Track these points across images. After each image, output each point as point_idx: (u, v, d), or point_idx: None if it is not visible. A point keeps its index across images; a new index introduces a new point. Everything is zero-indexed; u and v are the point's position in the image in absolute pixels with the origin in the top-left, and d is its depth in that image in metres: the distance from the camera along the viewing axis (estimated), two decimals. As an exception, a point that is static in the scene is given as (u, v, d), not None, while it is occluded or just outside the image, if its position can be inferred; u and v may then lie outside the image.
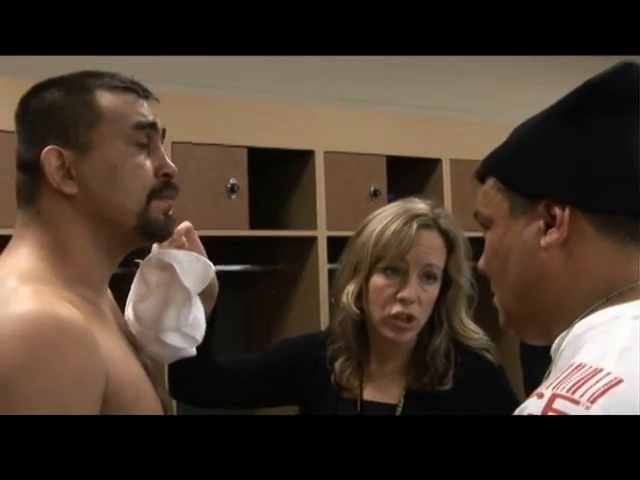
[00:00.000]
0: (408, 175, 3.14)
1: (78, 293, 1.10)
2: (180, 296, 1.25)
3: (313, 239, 2.79)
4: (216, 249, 2.89)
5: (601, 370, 0.82)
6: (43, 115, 1.15)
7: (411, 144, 3.06)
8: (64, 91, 1.15)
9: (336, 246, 2.86)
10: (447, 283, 1.69)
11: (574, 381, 0.82)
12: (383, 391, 1.69)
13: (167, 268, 1.25)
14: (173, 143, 2.48)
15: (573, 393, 0.81)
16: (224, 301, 3.02)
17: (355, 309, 1.68)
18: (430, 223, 1.66)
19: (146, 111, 1.18)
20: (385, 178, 2.98)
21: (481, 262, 1.05)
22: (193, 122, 2.60)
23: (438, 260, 1.66)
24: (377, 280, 1.65)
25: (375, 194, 2.95)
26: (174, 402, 2.05)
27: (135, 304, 1.26)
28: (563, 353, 0.92)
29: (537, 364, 1.02)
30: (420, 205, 1.71)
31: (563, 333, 0.93)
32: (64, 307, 1.02)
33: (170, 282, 1.25)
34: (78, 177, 1.13)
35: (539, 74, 3.84)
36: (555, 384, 0.84)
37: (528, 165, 0.98)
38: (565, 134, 0.97)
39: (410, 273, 1.63)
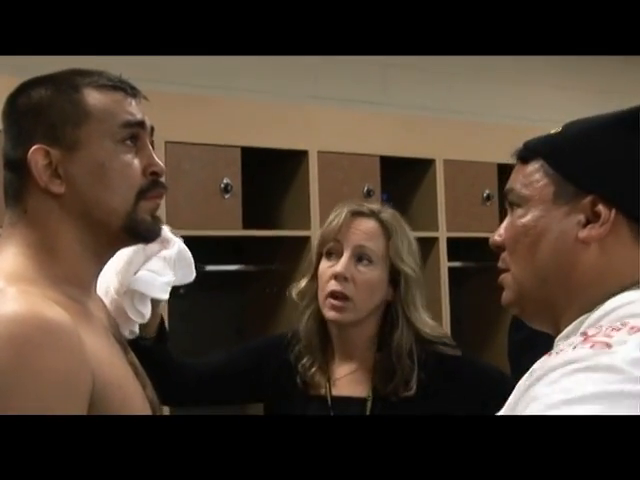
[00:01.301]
0: (402, 175, 3.14)
1: (65, 293, 1.09)
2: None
3: (307, 239, 2.78)
4: (210, 249, 2.89)
5: (629, 322, 0.88)
6: (30, 113, 1.13)
7: (405, 144, 3.05)
8: (52, 89, 1.13)
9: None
10: (395, 276, 1.73)
11: (611, 327, 0.89)
12: (350, 387, 1.73)
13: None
14: (167, 143, 2.47)
15: (612, 331, 0.87)
16: (218, 300, 3.04)
17: (302, 299, 1.76)
18: (365, 211, 1.74)
19: (134, 109, 1.16)
20: (379, 178, 2.98)
21: (501, 236, 1.06)
22: (187, 122, 2.59)
23: (372, 244, 1.72)
24: (322, 265, 1.73)
25: (369, 194, 2.94)
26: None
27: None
28: (598, 322, 0.94)
29: (525, 362, 1.01)
30: (363, 203, 1.80)
31: (582, 317, 0.97)
32: (50, 308, 1.00)
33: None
34: (65, 176, 1.12)
35: (532, 75, 3.84)
36: (594, 330, 0.89)
37: (583, 159, 1.01)
38: (624, 141, 1.00)
39: (344, 253, 1.71)
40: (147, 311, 1.42)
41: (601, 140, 1.02)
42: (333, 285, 1.69)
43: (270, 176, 2.93)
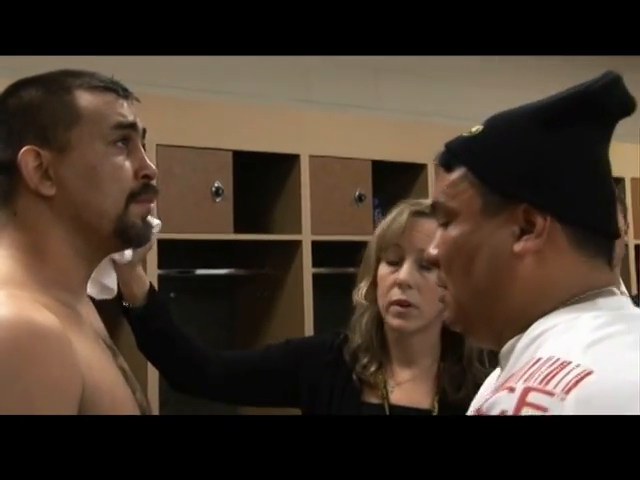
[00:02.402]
0: (394, 180, 3.13)
1: (55, 297, 1.07)
2: None
3: (298, 243, 2.77)
4: (200, 252, 2.88)
5: (570, 362, 0.82)
6: (21, 114, 1.11)
7: (397, 149, 3.05)
8: (43, 90, 1.12)
9: (321, 250, 2.85)
10: None
11: (545, 374, 0.82)
12: (411, 395, 1.63)
13: None
14: (158, 146, 2.46)
15: (546, 385, 0.81)
16: (209, 304, 3.02)
17: (364, 301, 1.68)
18: (427, 211, 1.61)
19: (126, 111, 1.15)
20: (370, 183, 2.97)
21: (434, 252, 1.00)
22: (178, 125, 2.58)
23: None
24: (381, 270, 1.64)
25: (360, 199, 2.93)
26: (153, 407, 2.03)
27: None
28: (525, 352, 0.90)
29: None
30: (423, 200, 1.68)
31: (518, 335, 0.92)
32: (40, 312, 0.99)
33: None
34: (56, 178, 1.10)
35: (526, 80, 3.84)
36: (525, 377, 0.83)
37: (509, 166, 0.94)
38: (550, 140, 0.94)
39: (406, 259, 1.62)
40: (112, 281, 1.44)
41: (525, 141, 0.94)
42: (397, 294, 1.60)
43: (261, 180, 2.92)
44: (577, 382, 0.80)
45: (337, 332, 1.73)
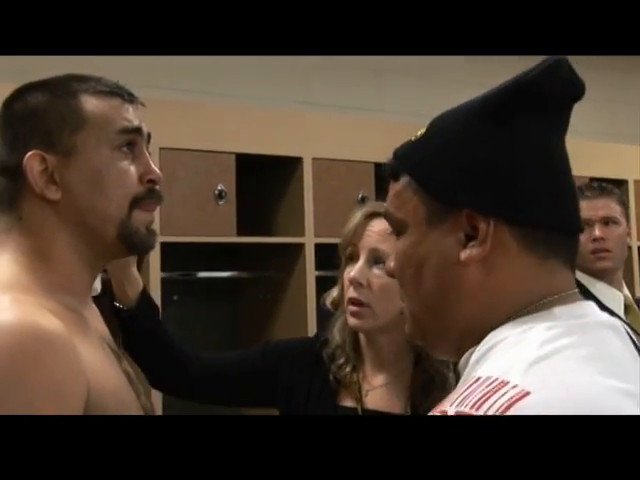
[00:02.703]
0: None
1: (60, 301, 1.07)
2: None
3: (301, 246, 2.77)
4: (203, 255, 2.88)
5: (507, 383, 0.76)
6: (26, 119, 1.12)
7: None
8: (48, 95, 1.12)
9: (324, 253, 2.85)
10: None
11: (478, 396, 0.76)
12: (384, 400, 1.63)
13: None
14: (161, 149, 2.46)
15: (477, 409, 0.75)
16: (211, 307, 3.02)
17: (329, 305, 1.71)
18: (381, 211, 1.60)
19: (131, 116, 1.15)
20: (373, 185, 2.97)
21: (390, 266, 0.95)
22: (181, 128, 2.58)
23: (387, 245, 1.60)
24: (345, 271, 1.66)
25: (363, 201, 2.93)
26: (157, 411, 2.03)
27: None
28: (475, 366, 0.84)
29: None
30: (380, 202, 1.68)
31: (472, 348, 0.87)
32: (45, 317, 0.99)
33: None
34: (62, 182, 1.10)
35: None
36: (459, 400, 0.77)
37: (449, 169, 0.88)
38: (490, 136, 0.87)
39: (360, 257, 1.63)
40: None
41: (464, 139, 0.88)
42: (351, 292, 1.61)
43: (264, 183, 2.92)
44: (510, 405, 0.74)
45: (317, 335, 1.75)
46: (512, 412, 0.73)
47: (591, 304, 0.89)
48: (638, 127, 3.92)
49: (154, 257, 2.50)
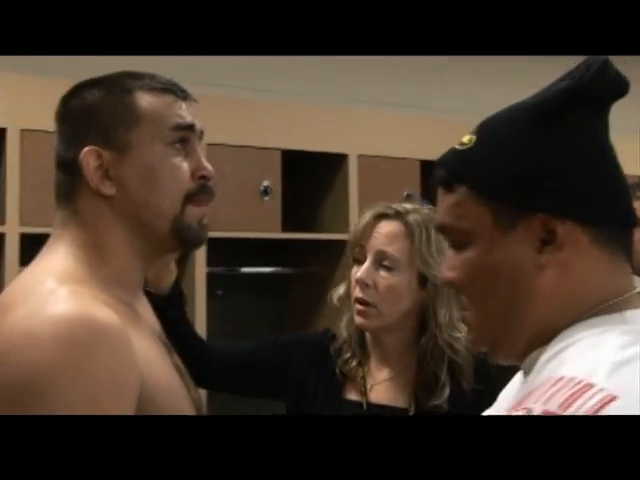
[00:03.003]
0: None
1: (114, 294, 1.09)
2: None
3: (345, 242, 2.77)
4: (248, 251, 2.90)
5: (593, 386, 0.77)
6: (83, 115, 1.13)
7: (446, 149, 3.03)
8: (104, 92, 1.14)
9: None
10: (425, 280, 1.67)
11: (565, 397, 0.77)
12: (389, 394, 1.68)
13: None
14: (208, 145, 2.48)
15: (566, 409, 0.76)
16: (256, 302, 3.04)
17: (336, 302, 1.76)
18: (389, 213, 1.68)
19: (184, 112, 1.16)
20: (419, 182, 2.96)
21: (449, 275, 0.94)
22: (228, 124, 2.60)
23: (393, 248, 1.65)
24: (353, 270, 1.70)
25: (408, 198, 2.93)
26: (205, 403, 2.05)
27: None
28: (546, 366, 0.85)
29: None
30: (391, 203, 1.73)
31: (540, 348, 0.88)
32: (101, 309, 1.01)
33: None
34: (116, 178, 1.12)
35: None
36: (544, 399, 0.78)
37: (514, 176, 0.88)
38: (547, 139, 0.89)
39: (367, 258, 1.67)
40: None
41: (526, 144, 0.89)
42: (357, 292, 1.66)
43: (310, 179, 2.93)
44: (599, 409, 0.75)
45: (326, 330, 1.79)
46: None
47: None
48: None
49: (200, 252, 2.53)
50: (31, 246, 1.29)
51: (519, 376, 1.00)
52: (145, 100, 1.14)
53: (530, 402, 0.79)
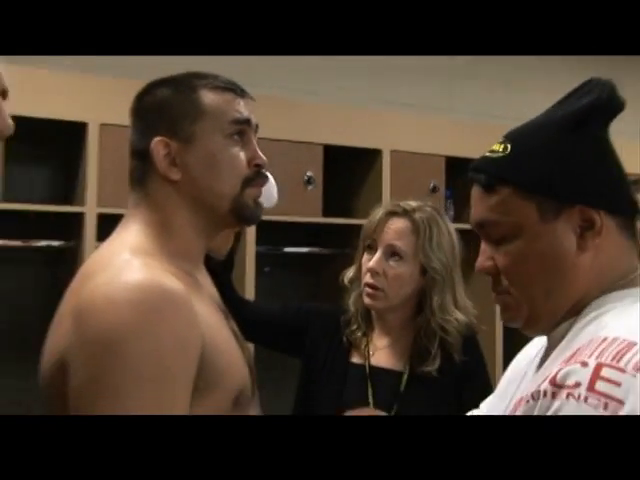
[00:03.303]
0: (465, 174, 3.10)
1: (179, 266, 1.10)
2: None
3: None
4: (292, 233, 2.91)
5: (635, 344, 0.82)
6: (154, 110, 1.15)
7: (468, 147, 3.01)
8: (173, 89, 1.15)
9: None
10: (425, 270, 1.75)
11: (614, 352, 0.82)
12: (388, 359, 1.76)
13: None
14: (260, 139, 2.49)
15: (618, 362, 0.81)
16: (298, 278, 3.06)
17: (347, 284, 1.83)
18: (399, 211, 1.75)
19: (242, 108, 1.17)
20: (444, 176, 2.96)
21: (488, 264, 0.98)
22: (277, 121, 2.61)
23: (402, 242, 1.73)
24: (364, 257, 1.77)
25: (434, 190, 2.93)
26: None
27: None
28: (582, 331, 0.90)
29: None
30: (400, 202, 1.80)
31: (571, 319, 0.93)
32: (168, 278, 1.02)
33: None
34: (182, 165, 1.13)
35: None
36: (597, 354, 0.83)
37: (556, 174, 0.94)
38: (582, 142, 0.95)
39: (378, 250, 1.73)
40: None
41: (560, 149, 0.95)
42: (368, 278, 1.73)
43: (348, 171, 2.93)
44: None
45: (340, 306, 1.86)
46: None
47: None
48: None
49: (250, 234, 2.55)
50: (107, 224, 1.31)
51: (535, 346, 1.04)
52: (208, 97, 1.15)
53: (583, 357, 0.84)
